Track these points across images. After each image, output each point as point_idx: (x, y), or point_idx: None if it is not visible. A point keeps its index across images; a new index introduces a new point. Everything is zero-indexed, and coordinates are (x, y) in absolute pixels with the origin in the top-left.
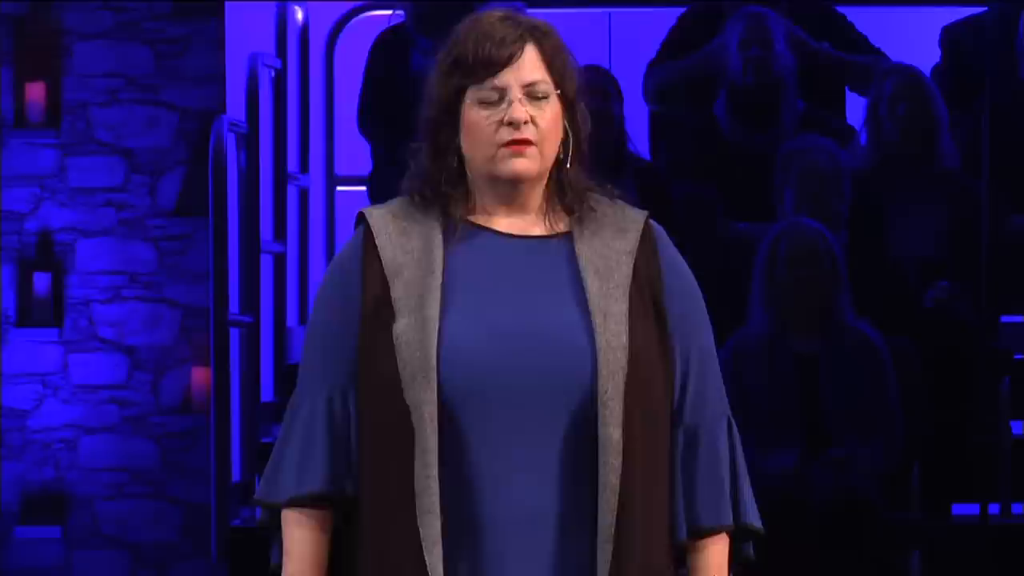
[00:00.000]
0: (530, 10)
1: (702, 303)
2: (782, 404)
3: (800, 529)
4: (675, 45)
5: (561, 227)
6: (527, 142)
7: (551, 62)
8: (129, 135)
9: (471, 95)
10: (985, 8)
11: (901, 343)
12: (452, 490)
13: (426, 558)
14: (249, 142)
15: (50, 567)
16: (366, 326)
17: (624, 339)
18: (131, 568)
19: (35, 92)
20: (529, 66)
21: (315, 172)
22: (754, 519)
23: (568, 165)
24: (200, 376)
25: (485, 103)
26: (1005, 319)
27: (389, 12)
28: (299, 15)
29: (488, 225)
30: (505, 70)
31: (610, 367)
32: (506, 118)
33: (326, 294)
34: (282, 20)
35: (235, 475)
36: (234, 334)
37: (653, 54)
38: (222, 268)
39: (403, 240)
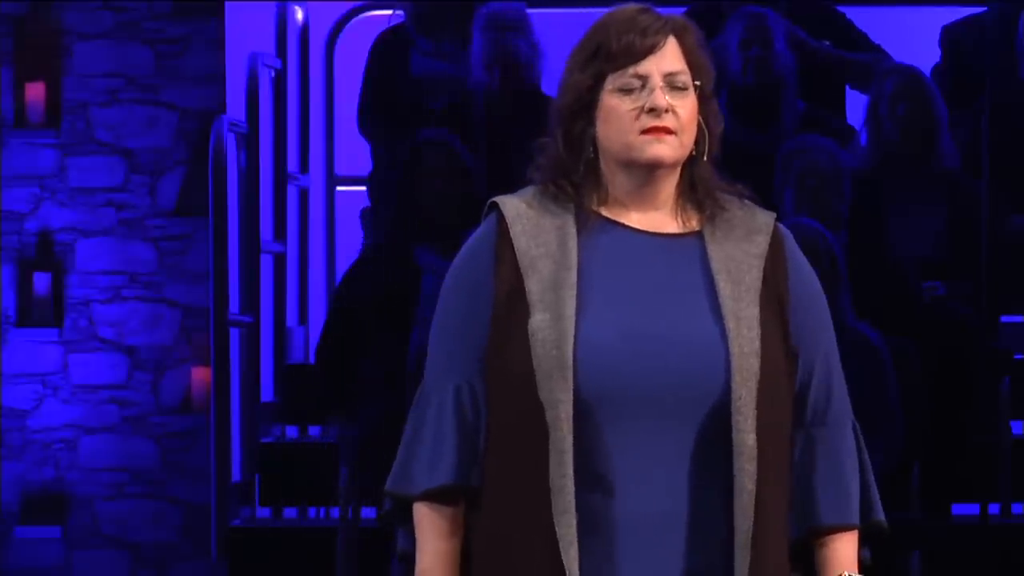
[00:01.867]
0: (529, 10)
1: (827, 309)
2: None
3: None
4: None
5: (693, 224)
6: (668, 130)
7: (691, 56)
8: (129, 135)
9: (611, 82)
10: (985, 8)
11: (901, 343)
12: (584, 490)
13: (563, 558)
14: (249, 142)
15: (50, 567)
16: (498, 318)
17: (757, 345)
18: (131, 568)
19: (35, 92)
20: (671, 56)
21: (315, 172)
22: (881, 516)
23: (703, 159)
24: (200, 376)
25: (626, 90)
26: (1005, 319)
27: (389, 12)
28: (299, 15)
29: (621, 220)
30: (648, 58)
31: (744, 373)
32: (647, 105)
33: (456, 283)
34: (282, 20)
35: (235, 475)
36: (234, 334)
37: None
38: (222, 268)
39: (537, 231)
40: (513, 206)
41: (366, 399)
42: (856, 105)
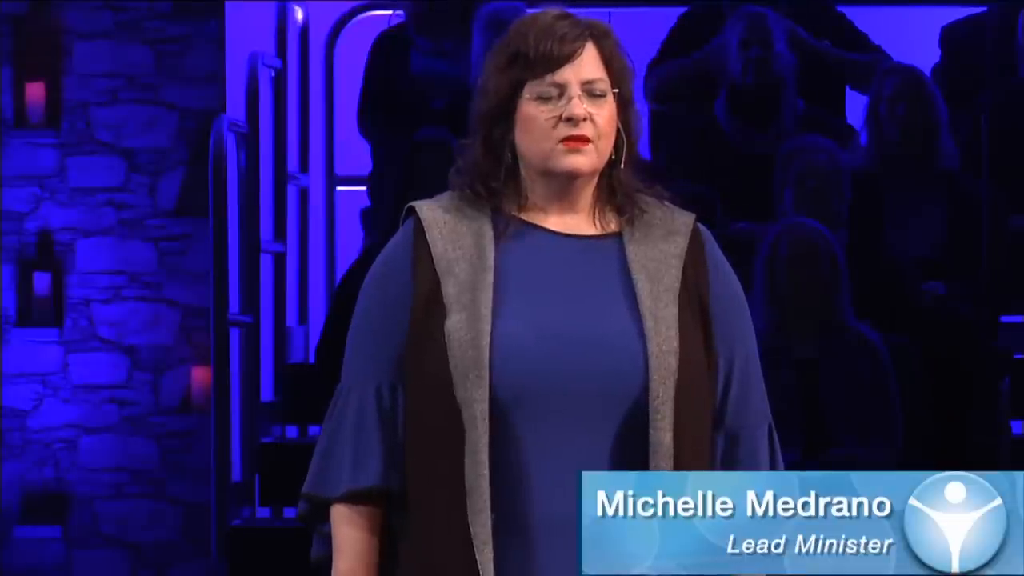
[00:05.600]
0: (529, 10)
1: (747, 308)
2: (782, 404)
3: None
4: (675, 45)
5: (612, 227)
6: (585, 139)
7: (609, 62)
8: (129, 135)
9: (529, 90)
10: (985, 8)
11: (901, 343)
12: (501, 489)
13: (477, 557)
14: (249, 142)
15: (50, 567)
16: (416, 321)
17: (675, 343)
18: (131, 568)
19: (35, 92)
20: (589, 64)
21: (315, 172)
22: None
23: (620, 165)
24: (200, 376)
25: (544, 98)
26: (1005, 319)
27: (389, 12)
28: (299, 15)
29: (539, 223)
30: (565, 66)
31: (661, 372)
32: (565, 114)
33: (374, 287)
34: (282, 20)
35: (235, 475)
36: (234, 334)
37: (653, 54)
38: (222, 268)
39: (454, 236)
40: (430, 211)
41: None
42: (856, 105)
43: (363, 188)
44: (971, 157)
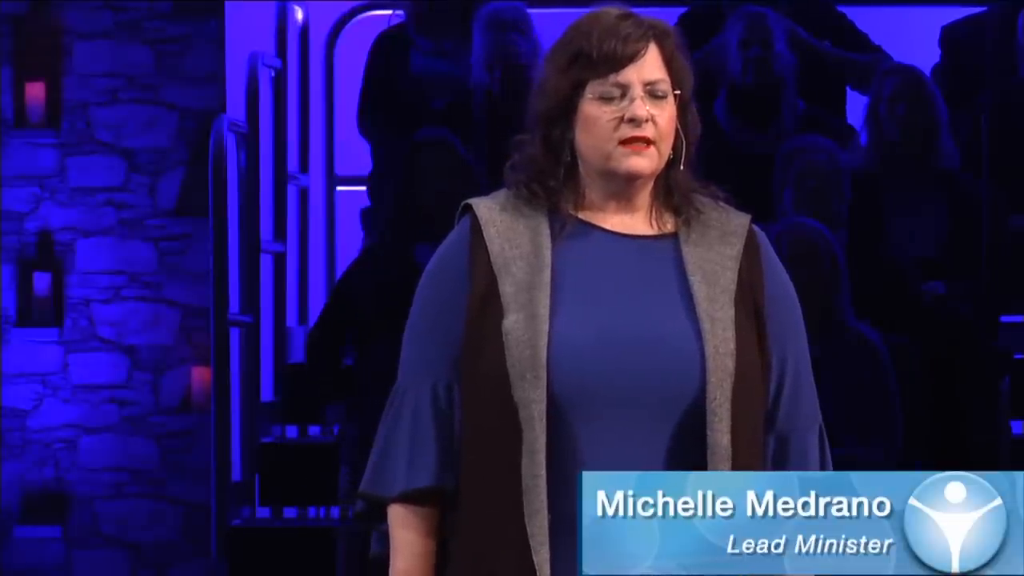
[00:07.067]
0: (529, 10)
1: (799, 311)
2: None
3: None
4: None
5: (668, 227)
6: (647, 141)
7: (670, 62)
8: (129, 135)
9: (591, 90)
10: (985, 8)
11: (901, 343)
12: (557, 490)
13: (534, 558)
14: (249, 142)
15: (50, 567)
16: (472, 319)
17: (732, 345)
18: (131, 568)
19: (35, 92)
20: (651, 65)
21: (315, 172)
22: None
23: (679, 167)
24: (200, 376)
25: (606, 99)
26: (1005, 319)
27: (389, 12)
28: (299, 15)
29: (597, 222)
30: (628, 67)
31: (719, 374)
32: (627, 115)
33: (430, 285)
34: (282, 20)
35: (235, 475)
36: (234, 334)
37: None
38: (222, 268)
39: (511, 234)
40: (487, 208)
41: (366, 399)
42: (856, 105)
43: (363, 188)
44: (971, 157)
